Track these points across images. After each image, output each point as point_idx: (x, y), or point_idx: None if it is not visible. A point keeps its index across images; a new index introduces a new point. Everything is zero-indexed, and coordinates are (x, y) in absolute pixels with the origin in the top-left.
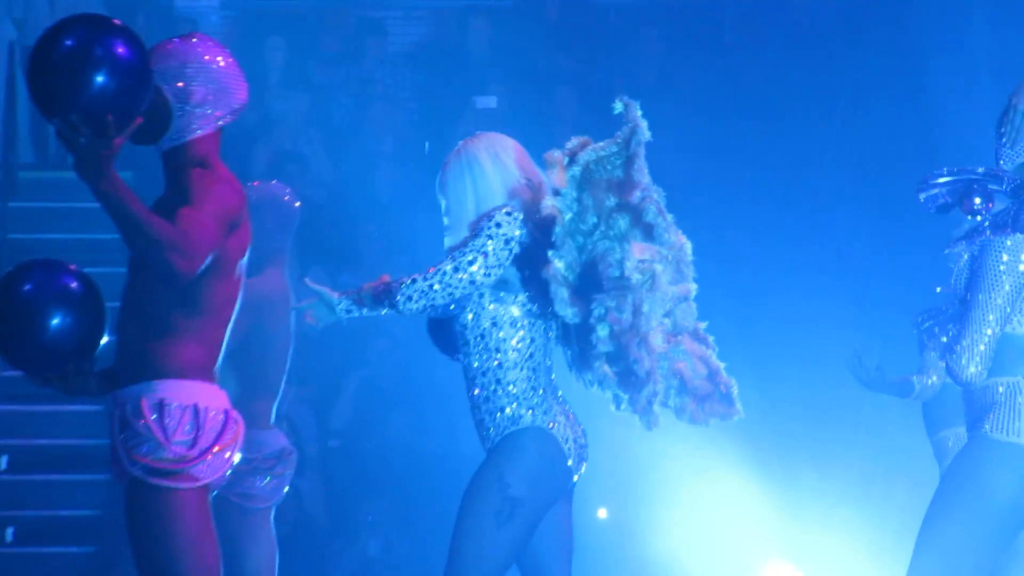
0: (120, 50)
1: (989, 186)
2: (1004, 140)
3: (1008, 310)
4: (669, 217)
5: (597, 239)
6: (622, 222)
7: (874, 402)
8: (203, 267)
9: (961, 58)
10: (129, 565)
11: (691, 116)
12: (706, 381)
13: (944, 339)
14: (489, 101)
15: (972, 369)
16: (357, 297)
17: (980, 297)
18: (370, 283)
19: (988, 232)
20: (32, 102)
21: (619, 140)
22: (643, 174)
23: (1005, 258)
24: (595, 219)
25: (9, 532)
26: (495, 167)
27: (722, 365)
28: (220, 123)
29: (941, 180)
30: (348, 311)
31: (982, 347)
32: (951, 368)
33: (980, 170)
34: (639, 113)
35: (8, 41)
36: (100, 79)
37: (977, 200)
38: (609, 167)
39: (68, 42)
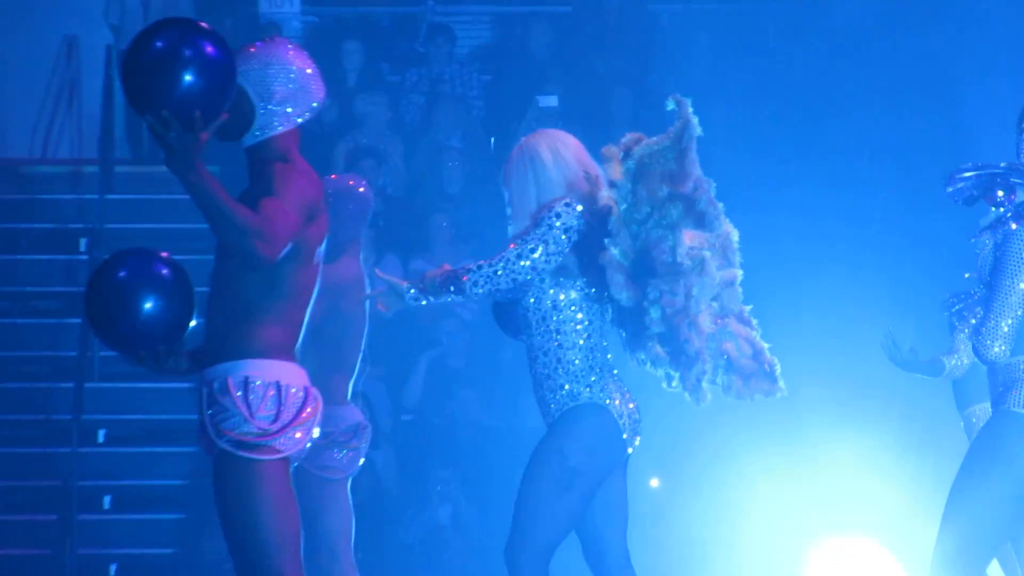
0: (207, 51)
1: (1011, 179)
2: (1023, 137)
3: None
4: (719, 206)
5: (650, 228)
6: (674, 211)
7: (907, 381)
8: (284, 254)
9: (986, 61)
10: (216, 531)
11: (737, 114)
12: (751, 360)
13: (973, 321)
14: (550, 100)
15: (996, 349)
16: (423, 285)
17: (1004, 282)
18: (432, 271)
19: (1011, 222)
20: (126, 100)
21: (672, 135)
22: (695, 166)
23: None
24: (648, 209)
25: (106, 500)
26: (555, 161)
27: (766, 345)
28: (299, 121)
29: (966, 175)
30: (415, 299)
31: (1005, 328)
32: (977, 348)
33: (1002, 165)
34: (690, 110)
35: (106, 45)
36: (188, 78)
37: (1000, 193)
38: (662, 160)
39: (159, 44)
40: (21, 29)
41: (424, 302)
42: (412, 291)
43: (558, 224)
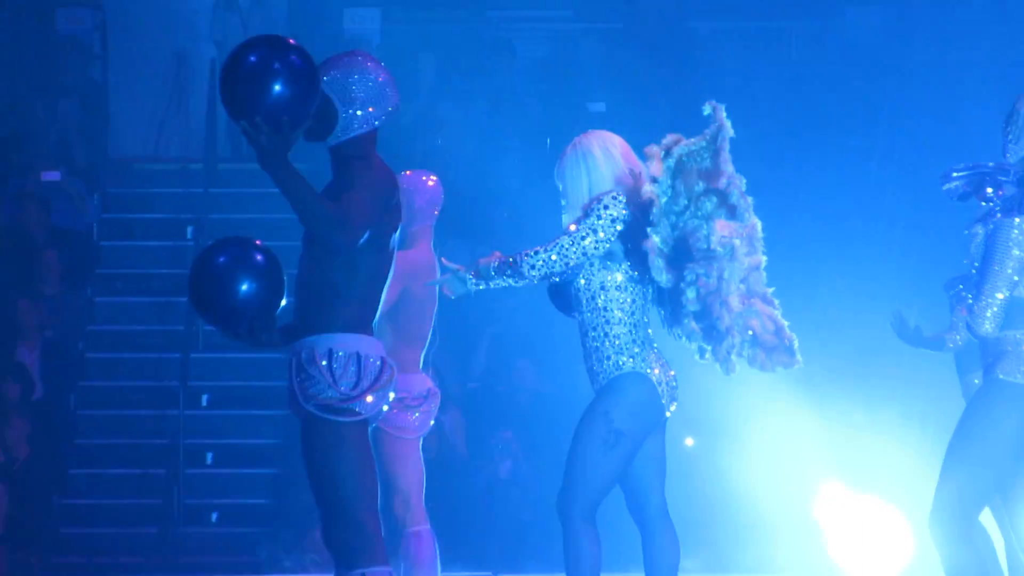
0: (293, 64)
1: (999, 177)
2: (1009, 138)
3: (1016, 278)
4: (749, 200)
5: (687, 218)
6: (708, 204)
7: (913, 354)
8: (361, 241)
9: (977, 72)
10: (304, 485)
11: (764, 119)
12: (773, 336)
13: (969, 301)
14: (599, 106)
15: (987, 326)
16: (477, 271)
17: (993, 267)
18: (485, 258)
19: (999, 214)
20: (224, 107)
21: (707, 136)
22: (728, 164)
23: (1014, 234)
24: (686, 201)
25: (209, 456)
26: (605, 158)
27: (786, 323)
28: (376, 124)
29: (959, 174)
30: (476, 284)
31: (995, 308)
32: (970, 325)
33: (991, 164)
34: (724, 114)
35: (210, 59)
36: (277, 87)
37: (989, 189)
38: (699, 159)
39: (252, 57)
40: (136, 45)
41: (483, 286)
42: (472, 278)
43: (606, 214)
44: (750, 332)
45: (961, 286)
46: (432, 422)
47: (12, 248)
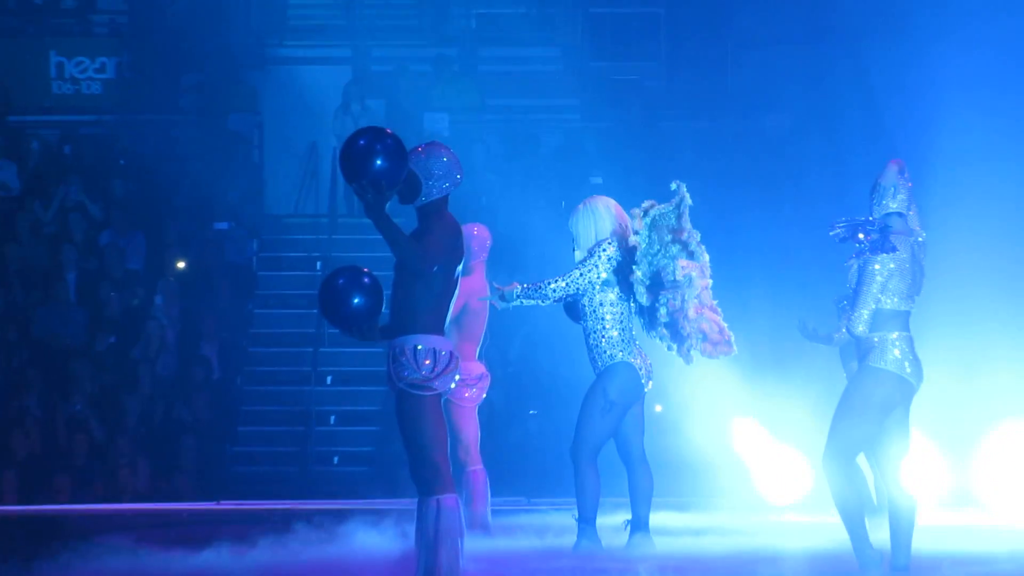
0: (389, 146)
1: (867, 227)
2: (873, 202)
3: (880, 295)
4: (703, 246)
5: (660, 259)
6: (674, 248)
7: (812, 346)
8: (434, 270)
9: (858, 167)
10: (397, 438)
11: (711, 189)
12: (718, 334)
13: (848, 312)
14: (597, 179)
15: (860, 328)
16: (518, 293)
17: (863, 288)
18: (509, 285)
19: (868, 253)
20: (342, 175)
21: (674, 203)
22: (687, 221)
23: (877, 267)
24: (658, 247)
25: (332, 418)
26: (606, 214)
27: (726, 325)
28: (447, 191)
29: (840, 224)
30: (517, 301)
31: (865, 316)
32: (848, 328)
33: (861, 218)
34: (684, 188)
35: (332, 147)
36: (378, 162)
37: (861, 235)
38: (668, 218)
39: (361, 142)
40: (283, 137)
41: (519, 303)
42: (513, 297)
43: (604, 255)
44: (701, 332)
45: (845, 302)
46: (484, 395)
47: (197, 276)
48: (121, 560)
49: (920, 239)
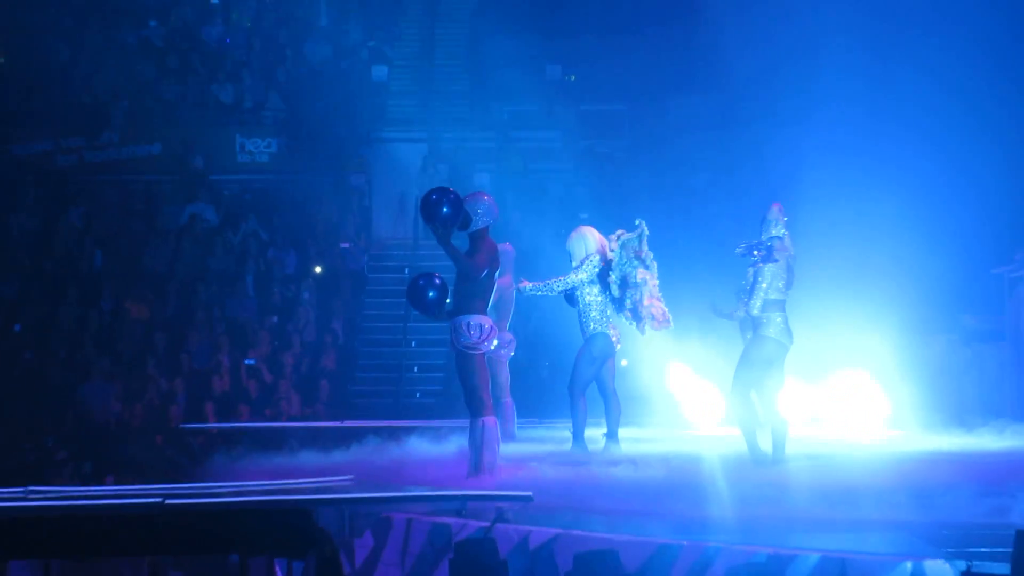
0: (451, 200)
1: (760, 246)
2: (762, 229)
3: (767, 289)
4: (654, 261)
5: (626, 268)
6: (636, 262)
7: (721, 321)
8: (482, 275)
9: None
10: (456, 381)
11: (660, 215)
12: (662, 315)
13: (745, 299)
14: (584, 215)
15: (755, 311)
16: (533, 288)
17: (757, 285)
18: (529, 282)
19: (760, 263)
20: (421, 216)
21: (636, 233)
22: (645, 244)
23: (766, 272)
24: (626, 260)
25: (415, 367)
26: (591, 238)
27: (667, 309)
28: (488, 223)
29: (743, 244)
30: (533, 292)
31: (759, 302)
32: (748, 310)
33: (755, 240)
34: (644, 224)
35: (414, 195)
36: (444, 211)
37: (755, 252)
38: (633, 242)
39: (433, 197)
40: (383, 190)
41: (535, 294)
42: (528, 291)
43: (590, 265)
44: (650, 313)
45: (744, 295)
46: (512, 353)
47: (329, 278)
48: (282, 457)
49: (791, 253)
